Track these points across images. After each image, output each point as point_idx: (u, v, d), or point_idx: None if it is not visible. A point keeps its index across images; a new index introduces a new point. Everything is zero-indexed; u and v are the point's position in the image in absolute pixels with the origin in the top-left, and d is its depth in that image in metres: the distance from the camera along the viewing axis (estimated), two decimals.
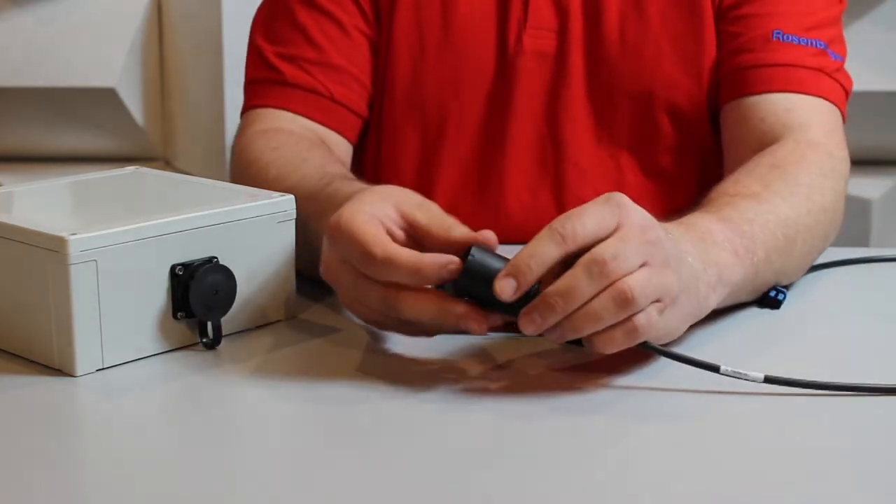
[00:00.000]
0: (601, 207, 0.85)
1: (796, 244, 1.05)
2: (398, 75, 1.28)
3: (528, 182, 1.29)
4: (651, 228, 0.86)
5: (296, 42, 1.27)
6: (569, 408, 0.85)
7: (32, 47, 1.76)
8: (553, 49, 1.26)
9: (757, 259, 0.99)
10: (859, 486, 0.75)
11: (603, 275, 0.82)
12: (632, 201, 0.87)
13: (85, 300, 0.88)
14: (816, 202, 1.09)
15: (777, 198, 1.05)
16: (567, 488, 0.74)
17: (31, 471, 0.76)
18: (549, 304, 0.83)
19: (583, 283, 0.82)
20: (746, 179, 1.08)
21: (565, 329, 0.83)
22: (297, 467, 0.77)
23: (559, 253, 0.83)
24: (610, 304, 0.82)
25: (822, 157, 1.14)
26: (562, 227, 0.83)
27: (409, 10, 1.27)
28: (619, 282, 0.82)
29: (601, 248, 0.83)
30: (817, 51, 1.22)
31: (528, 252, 0.83)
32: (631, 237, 0.84)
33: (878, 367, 0.93)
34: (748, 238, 0.98)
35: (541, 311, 0.83)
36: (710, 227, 0.96)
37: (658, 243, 0.85)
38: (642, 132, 1.27)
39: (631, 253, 0.83)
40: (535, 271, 0.83)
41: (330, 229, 0.89)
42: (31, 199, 1.04)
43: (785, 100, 1.20)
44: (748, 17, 1.24)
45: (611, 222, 0.84)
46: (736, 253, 0.96)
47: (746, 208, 1.01)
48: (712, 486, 0.75)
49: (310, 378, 0.91)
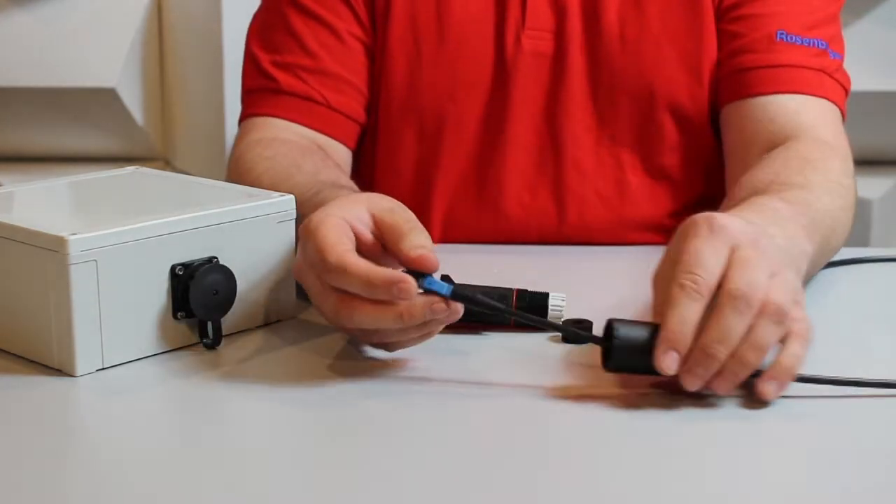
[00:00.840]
0: (711, 243, 0.85)
1: (836, 234, 1.08)
2: (394, 79, 1.28)
3: (527, 183, 1.29)
4: (756, 238, 0.87)
5: (291, 50, 1.27)
6: (570, 407, 0.85)
7: (32, 47, 1.76)
8: (551, 50, 1.26)
9: (818, 241, 1.01)
10: (856, 485, 0.75)
11: (750, 306, 0.82)
12: (723, 215, 0.87)
13: (85, 300, 0.88)
14: (847, 199, 1.11)
15: (819, 189, 1.07)
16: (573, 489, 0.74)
17: (30, 471, 0.76)
18: (710, 353, 0.82)
19: (735, 322, 0.82)
20: (786, 171, 1.09)
21: (734, 370, 0.83)
22: (297, 467, 0.77)
23: (703, 307, 0.83)
24: (770, 326, 0.83)
25: (841, 159, 1.16)
26: (693, 282, 0.83)
27: (403, 14, 1.27)
28: (768, 302, 0.83)
29: (736, 283, 0.83)
30: (819, 51, 1.22)
31: (677, 320, 0.83)
32: (751, 259, 0.84)
33: (879, 367, 0.93)
34: (809, 220, 1.00)
35: (703, 363, 0.83)
36: (776, 206, 0.98)
37: (768, 250, 0.86)
38: (644, 131, 1.27)
39: (761, 273, 0.84)
40: (690, 335, 0.83)
41: (301, 232, 0.91)
42: (31, 199, 1.04)
43: (793, 101, 1.21)
44: (750, 17, 1.24)
45: (725, 250, 0.85)
46: (804, 228, 0.98)
47: (800, 196, 1.03)
48: (706, 485, 0.75)
49: (310, 378, 0.91)
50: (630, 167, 1.28)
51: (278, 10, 1.28)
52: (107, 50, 1.77)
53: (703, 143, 1.28)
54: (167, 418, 0.86)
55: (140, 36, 1.78)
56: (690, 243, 0.85)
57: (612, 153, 1.28)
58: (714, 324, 0.82)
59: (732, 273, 0.84)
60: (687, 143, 1.28)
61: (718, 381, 0.84)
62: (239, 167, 1.21)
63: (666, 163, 1.28)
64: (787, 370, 0.84)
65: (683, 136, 1.27)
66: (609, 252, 1.26)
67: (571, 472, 0.77)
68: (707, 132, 1.27)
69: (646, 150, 1.28)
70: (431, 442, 0.81)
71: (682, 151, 1.28)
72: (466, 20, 1.27)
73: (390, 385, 0.89)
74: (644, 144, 1.28)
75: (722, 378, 0.83)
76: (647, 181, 1.29)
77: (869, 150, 1.71)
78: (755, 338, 0.83)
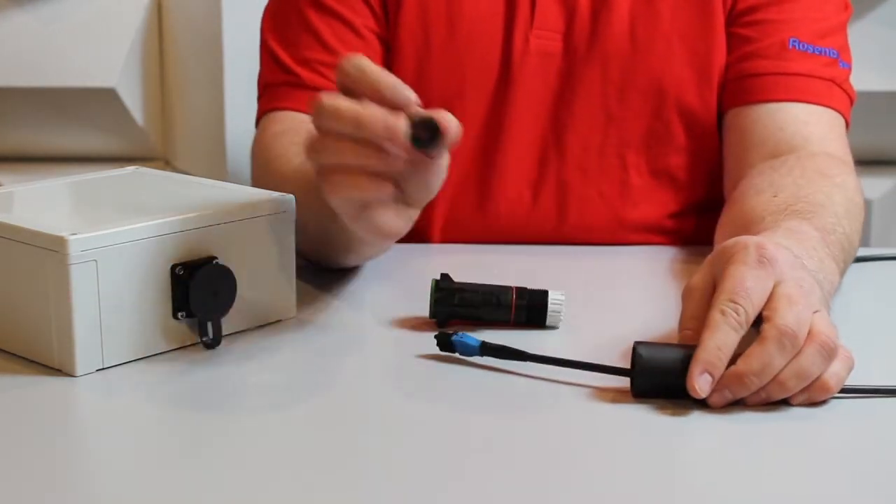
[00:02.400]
0: (757, 273, 0.85)
1: (851, 256, 1.08)
2: (403, 74, 1.27)
3: (528, 183, 1.29)
4: (800, 275, 0.87)
5: (310, 46, 1.27)
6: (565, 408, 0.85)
7: (32, 47, 1.76)
8: (560, 50, 1.26)
9: (841, 269, 1.02)
10: (847, 487, 0.75)
11: (794, 346, 0.82)
12: (771, 244, 0.87)
13: (85, 300, 0.88)
14: (860, 219, 1.12)
15: (841, 209, 1.07)
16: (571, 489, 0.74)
17: (31, 471, 0.76)
18: (745, 383, 0.82)
19: (776, 359, 0.82)
20: (808, 186, 1.10)
21: (770, 393, 0.83)
22: (296, 467, 0.77)
23: (740, 336, 0.83)
24: (818, 358, 0.83)
25: (853, 176, 1.17)
26: (734, 311, 0.83)
27: (414, 9, 1.27)
28: (817, 333, 0.83)
29: (785, 319, 0.83)
30: (830, 60, 1.23)
31: (715, 345, 0.82)
32: (797, 297, 0.84)
33: (879, 369, 0.93)
34: (834, 247, 1.01)
35: (734, 389, 0.83)
36: (812, 235, 0.98)
37: (812, 288, 0.86)
38: (652, 132, 1.27)
39: (806, 311, 0.84)
40: (725, 361, 0.83)
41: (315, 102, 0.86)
42: (31, 199, 1.04)
43: (803, 111, 1.21)
44: (763, 23, 1.24)
45: (770, 284, 0.85)
46: (834, 258, 0.99)
47: (829, 222, 1.03)
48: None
49: (310, 378, 0.91)
50: (634, 168, 1.28)
51: (294, 7, 1.29)
52: (107, 50, 1.77)
53: (709, 145, 1.28)
54: (167, 418, 0.86)
55: (140, 36, 1.78)
56: (737, 269, 0.85)
57: (617, 153, 1.28)
58: (756, 356, 0.82)
59: (780, 308, 0.83)
60: (693, 144, 1.28)
61: (751, 398, 0.84)
62: (265, 155, 1.21)
63: (671, 164, 1.28)
64: (826, 388, 0.84)
65: (690, 137, 1.27)
66: (609, 252, 1.26)
67: (576, 472, 0.77)
68: (714, 134, 1.27)
69: (652, 151, 1.28)
70: (432, 442, 0.81)
71: (688, 153, 1.28)
72: (476, 18, 1.27)
73: (391, 385, 0.89)
74: (650, 145, 1.28)
75: (755, 397, 0.84)
76: (650, 182, 1.29)
77: (869, 150, 1.71)
78: (801, 366, 0.83)
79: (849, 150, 1.22)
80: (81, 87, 1.76)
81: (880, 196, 1.81)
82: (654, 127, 1.27)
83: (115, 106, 1.77)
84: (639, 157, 1.28)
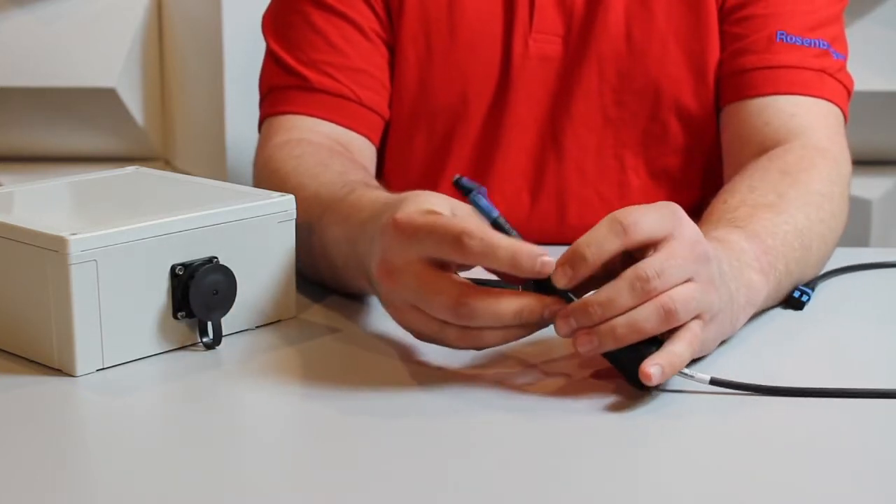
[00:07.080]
0: (660, 211, 0.85)
1: (811, 252, 1.06)
2: (405, 79, 1.27)
3: (528, 184, 1.29)
4: (700, 244, 0.86)
5: (317, 47, 1.25)
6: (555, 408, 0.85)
7: (32, 47, 1.76)
8: (559, 53, 1.26)
9: (778, 273, 1.00)
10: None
11: (645, 291, 0.82)
12: (686, 214, 0.87)
13: (85, 300, 0.88)
14: (827, 210, 1.09)
15: (793, 207, 1.06)
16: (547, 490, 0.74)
17: (30, 471, 0.76)
18: (587, 311, 0.83)
19: (624, 296, 0.82)
20: (762, 187, 1.08)
21: (605, 337, 0.83)
22: (296, 467, 0.77)
23: (618, 245, 0.83)
24: (653, 315, 0.82)
25: (830, 164, 1.15)
26: (624, 218, 0.83)
27: (415, 14, 1.27)
28: (664, 294, 0.82)
29: (647, 264, 0.83)
30: (820, 51, 1.22)
31: (588, 240, 0.83)
32: (679, 252, 0.84)
33: (880, 370, 0.93)
34: (772, 253, 0.99)
35: (577, 316, 0.83)
36: (742, 247, 0.97)
37: (706, 261, 0.86)
38: (649, 132, 1.27)
39: (677, 269, 0.83)
40: (593, 261, 0.82)
41: (399, 226, 0.87)
42: (31, 199, 1.04)
43: (789, 103, 1.20)
44: (752, 18, 1.23)
45: (667, 228, 0.84)
46: (763, 271, 0.97)
47: (768, 220, 1.02)
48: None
49: (310, 378, 0.91)
50: (633, 168, 1.28)
51: (297, 8, 1.27)
52: (107, 50, 1.77)
53: (706, 145, 1.28)
54: (167, 418, 0.86)
55: (140, 36, 1.78)
56: (644, 205, 0.85)
57: (616, 154, 1.28)
58: (606, 289, 0.82)
59: (653, 257, 0.83)
60: (691, 144, 1.28)
61: (584, 337, 0.83)
62: (267, 168, 1.19)
63: (669, 164, 1.28)
64: (670, 361, 0.83)
65: (688, 137, 1.27)
66: None
67: (567, 474, 0.77)
68: (711, 134, 1.27)
69: (650, 152, 1.28)
70: (432, 441, 0.81)
71: (686, 152, 1.28)
72: (477, 23, 1.27)
73: (391, 385, 0.89)
74: (648, 145, 1.28)
75: (587, 335, 0.83)
76: (648, 182, 1.29)
77: (869, 150, 1.71)
78: (633, 317, 0.82)
79: (839, 138, 1.20)
80: (81, 87, 1.76)
81: (880, 196, 1.80)
82: (651, 128, 1.27)
83: (115, 106, 1.77)
84: (637, 158, 1.28)
